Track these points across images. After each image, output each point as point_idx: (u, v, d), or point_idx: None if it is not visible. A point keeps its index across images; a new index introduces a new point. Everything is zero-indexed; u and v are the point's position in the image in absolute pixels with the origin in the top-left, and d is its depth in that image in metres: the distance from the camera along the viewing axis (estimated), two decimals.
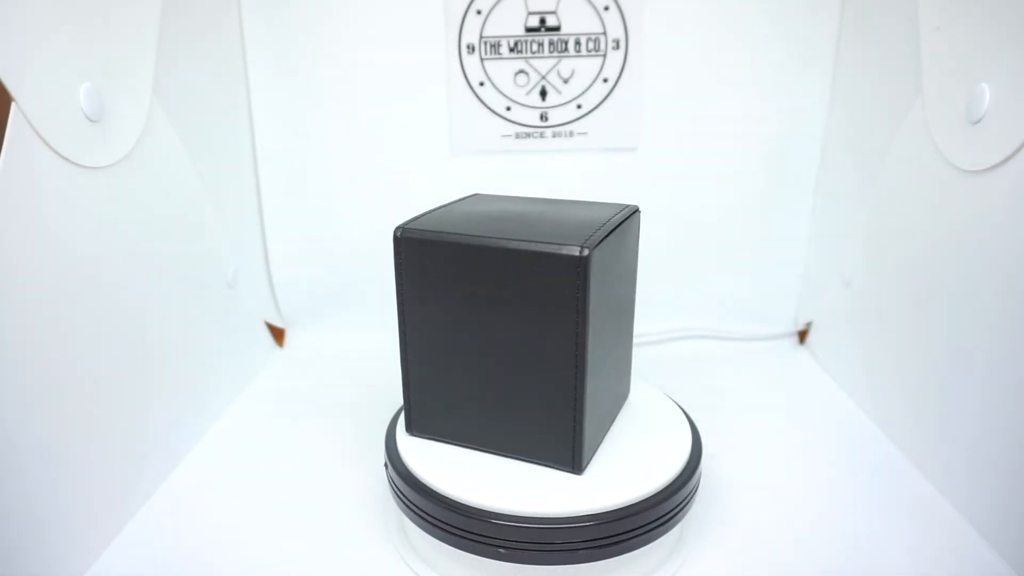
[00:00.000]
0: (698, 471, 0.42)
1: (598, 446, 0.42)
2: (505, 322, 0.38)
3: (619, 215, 0.41)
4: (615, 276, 0.40)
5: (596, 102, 0.67)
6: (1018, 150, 0.42)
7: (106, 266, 0.46)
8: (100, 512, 0.44)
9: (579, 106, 0.67)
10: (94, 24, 0.44)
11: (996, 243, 0.44)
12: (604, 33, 0.65)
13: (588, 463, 0.40)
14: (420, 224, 0.40)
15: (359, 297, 0.74)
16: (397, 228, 0.40)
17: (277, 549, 0.44)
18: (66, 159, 0.42)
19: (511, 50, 0.66)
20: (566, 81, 0.67)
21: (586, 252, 0.36)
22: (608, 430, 0.44)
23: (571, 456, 0.39)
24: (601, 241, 0.37)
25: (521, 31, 0.65)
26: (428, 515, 0.39)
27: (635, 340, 0.48)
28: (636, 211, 0.44)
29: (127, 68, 0.48)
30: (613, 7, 0.65)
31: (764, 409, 0.60)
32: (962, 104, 0.47)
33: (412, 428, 0.43)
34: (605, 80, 0.67)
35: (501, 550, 0.38)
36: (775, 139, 0.68)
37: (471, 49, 0.66)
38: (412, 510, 0.40)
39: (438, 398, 0.42)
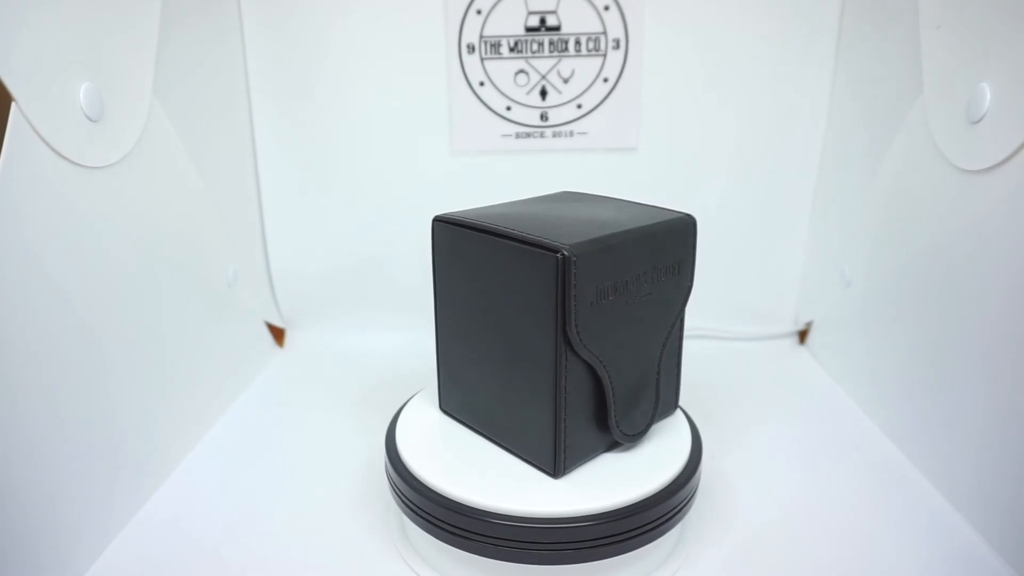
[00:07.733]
0: (698, 471, 0.42)
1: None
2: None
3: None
4: (496, 286, 0.39)
5: (596, 102, 0.67)
6: (1018, 150, 0.42)
7: (106, 266, 0.46)
8: (101, 512, 0.44)
9: (579, 106, 0.67)
10: (94, 24, 0.44)
11: (996, 243, 0.44)
12: (604, 33, 0.65)
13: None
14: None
15: (359, 297, 0.74)
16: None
17: (277, 549, 0.44)
18: (66, 159, 0.42)
19: (511, 50, 0.66)
20: (566, 81, 0.67)
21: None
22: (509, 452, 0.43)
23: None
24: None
25: (521, 31, 0.65)
26: (428, 515, 0.39)
27: None
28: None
29: (127, 68, 0.48)
30: (613, 7, 0.64)
31: (764, 409, 0.60)
32: (962, 104, 0.47)
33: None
34: (605, 80, 0.67)
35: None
36: (775, 139, 0.68)
37: (471, 49, 0.66)
38: (412, 510, 0.40)
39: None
